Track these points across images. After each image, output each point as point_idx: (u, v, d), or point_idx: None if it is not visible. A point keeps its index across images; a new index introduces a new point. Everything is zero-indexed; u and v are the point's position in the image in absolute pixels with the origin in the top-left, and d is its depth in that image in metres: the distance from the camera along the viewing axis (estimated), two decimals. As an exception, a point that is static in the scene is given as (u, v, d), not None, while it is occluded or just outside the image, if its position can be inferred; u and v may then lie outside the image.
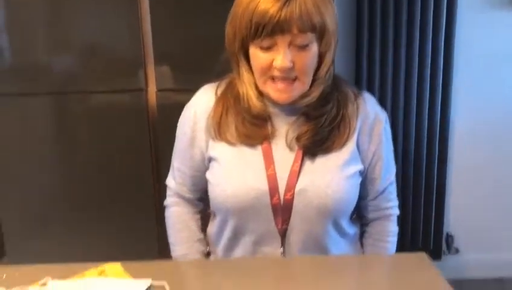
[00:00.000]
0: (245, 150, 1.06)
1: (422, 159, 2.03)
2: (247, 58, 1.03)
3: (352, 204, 1.10)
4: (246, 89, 1.05)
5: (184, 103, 1.18)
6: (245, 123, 1.07)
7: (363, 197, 1.14)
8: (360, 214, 1.20)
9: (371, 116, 1.10)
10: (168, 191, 1.21)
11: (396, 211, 1.19)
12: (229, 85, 1.11)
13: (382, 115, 1.13)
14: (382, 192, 1.15)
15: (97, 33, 1.68)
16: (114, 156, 1.77)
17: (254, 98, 1.04)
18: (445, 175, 2.08)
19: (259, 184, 1.04)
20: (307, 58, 0.99)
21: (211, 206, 1.16)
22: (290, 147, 1.06)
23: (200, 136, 1.11)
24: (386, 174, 1.14)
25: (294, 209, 1.04)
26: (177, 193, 1.19)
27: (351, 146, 1.07)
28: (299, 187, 1.03)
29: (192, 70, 1.69)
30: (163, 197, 1.24)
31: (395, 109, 1.96)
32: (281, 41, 0.96)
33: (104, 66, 1.70)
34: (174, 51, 1.70)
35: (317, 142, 1.05)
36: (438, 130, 2.02)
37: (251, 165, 1.05)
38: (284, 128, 1.07)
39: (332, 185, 1.03)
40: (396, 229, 1.20)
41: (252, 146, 1.06)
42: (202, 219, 1.21)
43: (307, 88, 1.03)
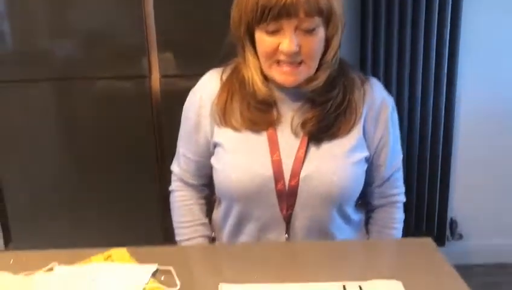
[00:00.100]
0: (250, 136, 1.06)
1: (426, 145, 2.03)
2: (253, 42, 1.03)
3: (358, 191, 1.10)
4: (251, 74, 1.05)
5: (188, 88, 1.17)
6: (250, 109, 1.06)
7: (368, 183, 1.13)
8: (365, 201, 1.20)
9: (377, 103, 1.09)
10: (173, 177, 1.21)
11: (403, 198, 1.19)
12: (235, 70, 1.10)
13: (389, 101, 1.11)
14: (388, 179, 1.15)
15: (100, 19, 1.67)
16: (118, 142, 1.77)
17: (259, 82, 1.04)
18: (450, 161, 2.08)
19: (264, 170, 1.04)
20: (313, 42, 0.98)
21: (216, 192, 1.16)
22: (295, 133, 1.06)
23: (205, 122, 1.11)
24: (392, 161, 1.13)
25: (299, 196, 1.04)
26: (182, 179, 1.19)
27: (357, 132, 1.06)
28: (304, 173, 1.03)
29: (195, 56, 1.68)
30: (167, 182, 1.24)
31: (399, 95, 1.95)
32: (287, 25, 0.95)
33: (107, 53, 1.69)
34: (177, 37, 1.68)
35: (322, 128, 1.04)
36: (443, 116, 2.01)
37: (256, 151, 1.05)
38: (289, 114, 1.07)
39: (337, 171, 1.03)
40: (402, 216, 1.19)
41: (257, 132, 1.06)
42: (207, 205, 1.22)
43: (312, 72, 1.02)
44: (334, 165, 1.04)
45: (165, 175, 1.73)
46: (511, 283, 2.06)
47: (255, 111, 1.06)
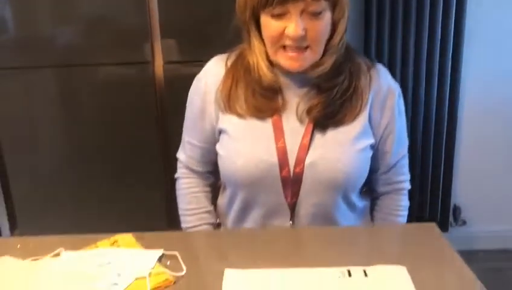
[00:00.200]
0: (255, 123, 1.06)
1: (430, 131, 2.02)
2: (258, 27, 1.02)
3: (363, 178, 1.09)
4: (256, 59, 1.04)
5: (191, 75, 1.16)
6: (255, 95, 1.05)
7: (374, 170, 1.13)
8: (370, 188, 1.19)
9: (383, 89, 1.08)
10: (179, 164, 1.21)
11: (408, 186, 1.19)
12: (239, 56, 1.09)
13: (395, 87, 1.10)
14: (393, 166, 1.14)
15: (103, 5, 1.66)
16: (121, 129, 1.77)
17: (265, 68, 1.03)
18: (454, 147, 2.08)
19: (269, 157, 1.03)
20: (319, 26, 0.97)
21: (221, 178, 1.16)
22: (300, 120, 1.05)
23: (210, 108, 1.10)
24: (397, 148, 1.12)
25: (303, 183, 1.04)
26: (187, 166, 1.19)
27: (362, 119, 1.06)
28: (309, 160, 1.03)
29: (199, 42, 1.67)
30: (171, 169, 1.24)
31: (404, 81, 1.94)
32: (293, 8, 0.94)
33: (110, 39, 1.68)
34: (180, 22, 1.68)
35: (328, 114, 1.04)
36: (447, 101, 2.00)
37: (261, 138, 1.05)
38: (294, 101, 1.06)
39: (342, 158, 1.03)
40: (407, 204, 1.19)
41: (261, 119, 1.05)
42: (212, 192, 1.22)
43: (318, 57, 1.02)
44: (339, 152, 1.03)
45: (169, 161, 1.74)
46: (514, 269, 2.07)
47: (260, 98, 1.05)
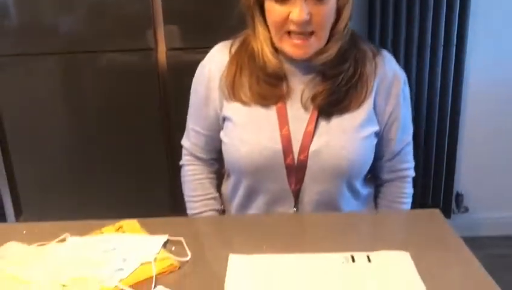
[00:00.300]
0: (259, 110, 1.05)
1: (434, 118, 2.02)
2: (263, 13, 1.01)
3: (367, 165, 1.09)
4: (261, 45, 1.03)
5: (194, 62, 1.16)
6: (260, 83, 1.05)
7: (378, 158, 1.13)
8: (375, 175, 1.19)
9: (389, 76, 1.07)
10: (183, 151, 1.21)
11: (412, 173, 1.18)
12: (244, 42, 1.09)
13: (401, 74, 1.10)
14: (398, 153, 1.14)
15: (105, -9, 1.65)
16: (124, 115, 1.77)
17: (269, 54, 1.02)
18: (457, 134, 2.07)
19: (274, 144, 1.03)
20: (324, 11, 0.96)
21: (225, 165, 1.16)
22: (305, 107, 1.05)
23: (214, 95, 1.10)
24: (402, 135, 1.12)
25: (308, 170, 1.04)
26: (192, 153, 1.19)
27: (367, 106, 1.05)
28: (313, 148, 1.03)
29: (202, 28, 1.66)
30: (175, 155, 1.25)
31: (407, 69, 1.93)
32: None
33: (112, 25, 1.67)
34: (183, 9, 1.66)
35: (333, 102, 1.03)
36: (451, 88, 1.99)
37: (265, 125, 1.04)
38: (299, 88, 1.05)
39: (347, 146, 1.02)
40: (411, 191, 1.19)
41: (266, 106, 1.05)
42: (217, 179, 1.22)
43: (323, 44, 1.01)
44: (344, 139, 1.03)
45: (173, 148, 1.74)
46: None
47: (265, 85, 1.05)
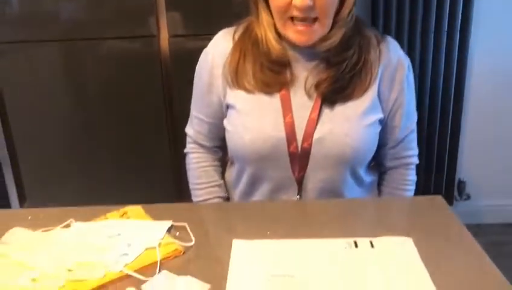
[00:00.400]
0: (263, 98, 1.05)
1: (437, 105, 2.01)
2: None
3: (371, 153, 1.09)
4: (264, 32, 1.03)
5: (197, 49, 1.15)
6: (263, 70, 1.04)
7: (382, 145, 1.13)
8: (378, 162, 1.19)
9: (393, 63, 1.07)
10: (188, 139, 1.21)
11: (416, 160, 1.18)
12: (247, 29, 1.08)
13: (405, 61, 1.09)
14: (402, 140, 1.14)
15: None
16: (127, 103, 1.77)
17: (273, 40, 1.02)
18: (460, 121, 2.07)
19: (277, 132, 1.03)
20: None
21: (228, 153, 1.16)
22: (308, 94, 1.04)
23: (218, 82, 1.09)
24: (406, 122, 1.12)
25: (311, 158, 1.04)
26: (196, 141, 1.19)
27: (371, 94, 1.05)
28: (317, 136, 1.02)
29: (204, 15, 1.65)
30: (178, 142, 1.25)
31: (411, 53, 1.92)
32: None
33: (114, 12, 1.67)
34: (185, -5, 1.66)
35: (337, 89, 1.03)
36: (454, 75, 1.98)
37: (269, 113, 1.04)
38: (303, 75, 1.05)
39: (351, 133, 1.02)
40: (414, 178, 1.19)
41: (269, 94, 1.05)
42: (221, 166, 1.22)
43: (327, 31, 1.00)
44: (348, 127, 1.03)
45: (176, 135, 1.75)
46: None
47: (268, 72, 1.04)
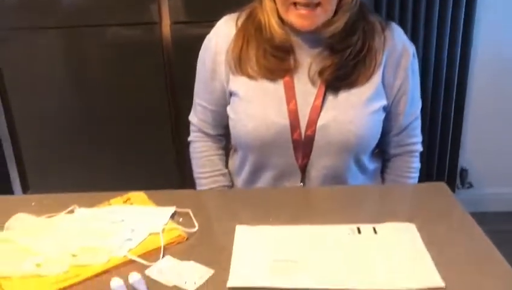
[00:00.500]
0: (266, 84, 1.04)
1: (440, 92, 2.00)
2: None
3: (375, 140, 1.09)
4: (267, 17, 1.02)
5: (199, 35, 1.15)
6: (267, 56, 1.04)
7: (386, 132, 1.12)
8: (382, 150, 1.19)
9: (398, 49, 1.06)
10: (191, 127, 1.21)
11: (420, 148, 1.18)
12: (250, 15, 1.07)
13: (410, 48, 1.08)
14: (406, 127, 1.13)
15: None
16: (129, 89, 1.77)
17: (276, 25, 1.01)
18: (463, 110, 2.06)
19: (281, 119, 1.03)
20: None
21: (232, 141, 1.16)
22: (312, 81, 1.03)
23: (221, 69, 1.09)
24: (410, 109, 1.11)
25: (315, 145, 1.03)
26: (200, 129, 1.19)
27: (375, 81, 1.04)
28: (321, 123, 1.02)
29: (206, 2, 1.65)
30: (181, 130, 1.24)
31: (414, 40, 1.90)
32: None
33: (116, -1, 1.66)
34: (188, -19, 1.64)
35: (340, 76, 1.02)
36: (457, 63, 1.97)
37: (272, 100, 1.04)
38: (307, 62, 1.04)
39: (355, 121, 1.02)
40: (418, 166, 1.18)
41: (273, 80, 1.04)
42: (225, 155, 1.22)
43: (330, 15, 0.99)
44: (352, 114, 1.02)
45: (179, 122, 1.74)
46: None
47: (272, 58, 1.03)
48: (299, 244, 0.82)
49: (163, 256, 0.80)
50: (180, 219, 0.90)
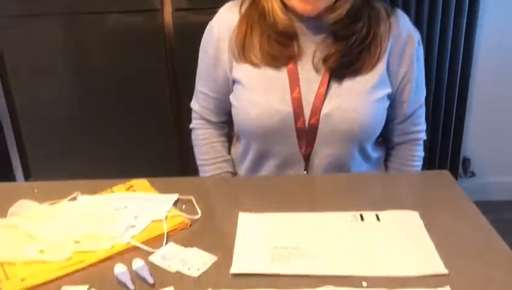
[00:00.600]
0: (269, 72, 1.03)
1: (443, 81, 1.99)
2: None
3: (379, 128, 1.08)
4: (271, 3, 1.01)
5: (201, 23, 1.14)
6: (270, 42, 1.03)
7: (390, 120, 1.11)
8: (386, 138, 1.18)
9: (403, 36, 1.05)
10: (193, 114, 1.20)
11: (424, 136, 1.17)
12: (254, 1, 1.06)
13: (415, 34, 1.07)
14: (410, 116, 1.13)
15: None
16: (131, 77, 1.76)
17: (279, 11, 1.00)
18: (466, 98, 2.05)
19: (284, 107, 1.02)
20: None
21: (235, 129, 1.15)
22: (316, 69, 1.03)
23: (224, 56, 1.08)
24: (415, 97, 1.11)
25: (319, 134, 1.03)
26: (202, 116, 1.18)
27: (380, 68, 1.03)
28: (325, 111, 1.01)
29: (208, -12, 1.63)
30: (182, 117, 1.24)
31: (418, 27, 1.88)
32: None
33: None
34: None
35: (345, 64, 1.01)
36: (461, 50, 1.96)
37: (276, 88, 1.03)
38: (311, 49, 1.03)
39: (359, 109, 1.01)
40: (422, 154, 1.18)
41: (277, 68, 1.03)
42: (228, 142, 1.21)
43: (333, 0, 0.98)
44: (356, 102, 1.01)
45: (181, 109, 1.74)
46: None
47: (275, 44, 1.02)
48: (302, 232, 0.82)
49: (167, 243, 0.80)
50: (183, 206, 0.90)
